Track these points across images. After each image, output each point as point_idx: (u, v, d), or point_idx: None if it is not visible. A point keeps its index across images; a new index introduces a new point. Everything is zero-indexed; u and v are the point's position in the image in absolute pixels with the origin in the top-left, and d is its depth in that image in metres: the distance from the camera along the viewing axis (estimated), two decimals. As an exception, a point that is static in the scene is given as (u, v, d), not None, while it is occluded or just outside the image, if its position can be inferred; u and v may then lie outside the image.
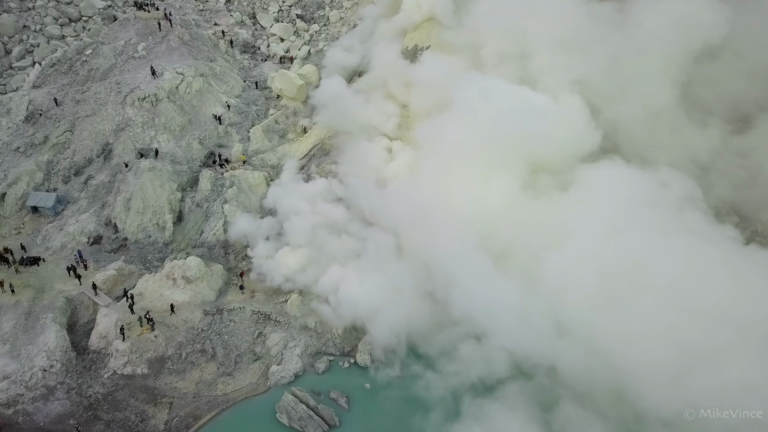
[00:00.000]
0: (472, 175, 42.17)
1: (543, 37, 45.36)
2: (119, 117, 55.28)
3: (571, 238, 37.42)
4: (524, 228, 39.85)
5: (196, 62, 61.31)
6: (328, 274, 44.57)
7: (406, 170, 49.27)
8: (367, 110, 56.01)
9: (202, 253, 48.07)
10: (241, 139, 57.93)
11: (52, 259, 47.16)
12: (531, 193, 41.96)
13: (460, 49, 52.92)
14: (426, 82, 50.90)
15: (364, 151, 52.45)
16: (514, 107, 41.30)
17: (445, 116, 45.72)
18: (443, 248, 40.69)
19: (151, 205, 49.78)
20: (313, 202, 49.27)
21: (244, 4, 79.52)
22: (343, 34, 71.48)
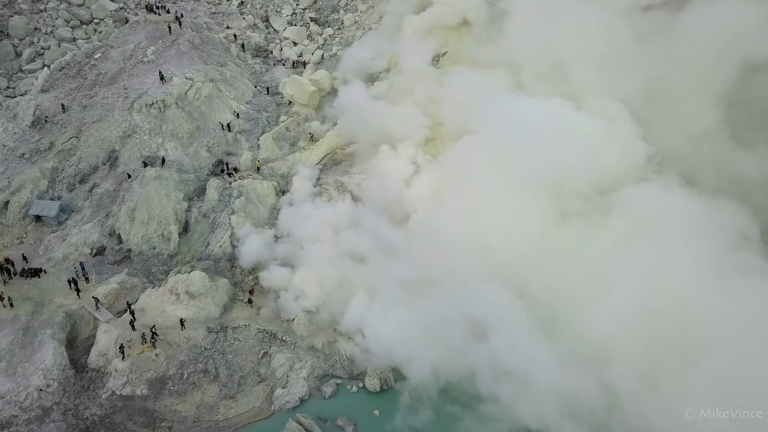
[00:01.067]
0: (501, 204, 39.41)
1: (582, 53, 42.81)
2: (126, 123, 53.83)
3: (615, 283, 33.82)
4: (560, 265, 36.60)
5: (206, 67, 59.80)
6: (352, 310, 41.22)
7: (429, 193, 46.15)
8: (393, 120, 53.28)
9: (207, 266, 46.34)
10: (251, 147, 56.25)
11: (53, 271, 45.72)
12: (568, 222, 38.59)
13: (493, 63, 50.35)
14: (455, 101, 48.30)
15: (387, 167, 49.99)
16: (549, 128, 38.56)
17: (473, 138, 43.34)
18: (474, 291, 37.79)
19: (156, 215, 48.20)
20: (333, 227, 46.39)
21: (257, 6, 77.98)
22: (358, 38, 69.61)
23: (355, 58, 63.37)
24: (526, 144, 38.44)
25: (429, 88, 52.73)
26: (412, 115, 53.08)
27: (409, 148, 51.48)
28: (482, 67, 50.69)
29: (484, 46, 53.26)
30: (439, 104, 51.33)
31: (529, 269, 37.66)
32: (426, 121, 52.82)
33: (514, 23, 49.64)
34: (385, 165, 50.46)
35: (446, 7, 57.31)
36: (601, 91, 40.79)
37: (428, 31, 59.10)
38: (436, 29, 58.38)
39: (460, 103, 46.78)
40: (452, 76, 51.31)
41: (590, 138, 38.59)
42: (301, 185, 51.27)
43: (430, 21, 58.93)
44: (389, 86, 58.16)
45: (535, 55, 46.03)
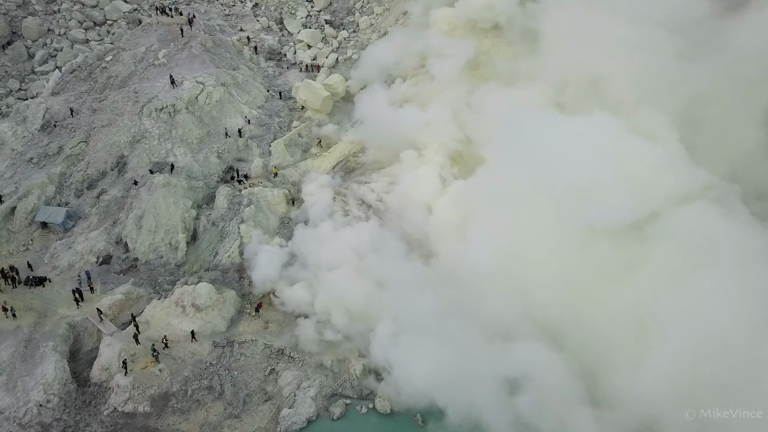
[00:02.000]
0: (533, 239, 36.18)
1: (621, 69, 40.25)
2: (135, 128, 52.77)
3: (659, 330, 30.37)
4: (599, 309, 33.09)
5: (217, 71, 58.60)
6: (379, 345, 38.04)
7: (455, 223, 42.49)
8: (421, 127, 50.69)
9: (215, 276, 45.06)
10: (262, 153, 54.96)
11: (58, 280, 44.70)
12: (607, 257, 34.48)
13: (527, 77, 48.01)
14: (485, 118, 45.72)
15: (410, 183, 47.25)
16: (588, 152, 35.70)
17: (502, 162, 40.41)
18: (506, 347, 35.06)
19: (163, 223, 47.02)
20: (355, 251, 43.09)
21: (271, 8, 76.76)
22: (374, 41, 68.07)
23: (376, 57, 60.85)
24: (560, 170, 35.43)
25: (460, 96, 50.47)
26: (443, 125, 50.25)
27: (436, 158, 48.60)
28: (516, 79, 48.46)
29: (519, 59, 50.84)
30: (469, 117, 49.25)
31: (565, 314, 34.51)
32: (456, 133, 50.04)
33: (549, 36, 47.34)
34: (409, 181, 47.56)
35: (479, 8, 55.11)
36: (641, 110, 38.03)
37: (460, 31, 56.64)
38: (469, 30, 56.10)
39: (491, 121, 44.11)
40: (483, 93, 48.79)
41: (633, 161, 35.35)
42: (317, 199, 49.04)
43: (461, 17, 56.61)
44: (415, 89, 55.61)
45: (572, 70, 43.77)
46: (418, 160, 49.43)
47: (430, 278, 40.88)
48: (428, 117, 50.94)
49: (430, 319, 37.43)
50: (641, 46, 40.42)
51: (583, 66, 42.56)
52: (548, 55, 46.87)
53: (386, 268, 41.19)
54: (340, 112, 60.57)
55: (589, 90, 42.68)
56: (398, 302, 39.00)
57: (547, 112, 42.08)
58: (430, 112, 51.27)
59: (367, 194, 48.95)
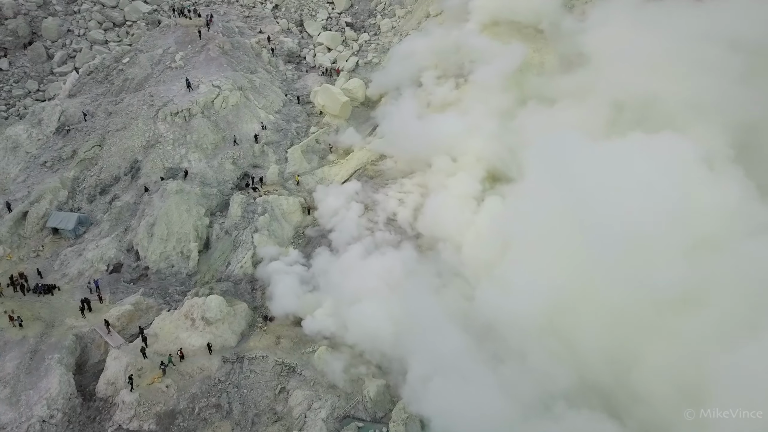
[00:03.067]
0: (579, 281, 32.00)
1: (674, 92, 37.02)
2: (150, 132, 51.69)
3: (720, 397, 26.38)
4: (654, 369, 28.76)
5: (234, 74, 57.33)
6: (412, 387, 34.49)
7: (492, 257, 37.88)
8: (461, 137, 46.82)
9: (226, 288, 43.69)
10: (278, 160, 53.56)
11: (67, 288, 43.72)
12: (659, 301, 29.89)
13: (571, 94, 44.71)
14: (528, 140, 41.91)
15: (442, 201, 43.91)
16: (637, 181, 31.38)
17: (543, 190, 35.81)
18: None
19: (175, 231, 45.82)
20: (387, 282, 39.46)
21: (291, 10, 75.45)
22: (395, 44, 66.34)
23: (408, 55, 57.89)
24: (611, 207, 31.17)
25: (505, 107, 47.11)
26: (485, 136, 46.14)
27: (473, 172, 44.94)
28: (560, 96, 45.18)
29: (564, 73, 47.29)
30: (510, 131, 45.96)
31: (621, 378, 30.58)
32: (498, 147, 45.85)
33: (598, 51, 43.93)
34: (441, 200, 44.16)
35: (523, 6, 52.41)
36: (699, 135, 34.10)
37: (502, 30, 53.72)
38: (513, 32, 53.17)
39: (533, 140, 40.10)
40: (527, 109, 45.72)
41: (685, 191, 31.52)
42: (341, 219, 46.21)
43: (505, 10, 53.82)
44: (455, 93, 52.36)
45: (622, 90, 40.15)
46: (452, 169, 46.47)
47: (468, 317, 36.94)
48: (469, 126, 47.13)
49: (468, 365, 33.72)
50: (698, 66, 37.38)
51: (634, 86, 39.13)
52: (596, 72, 43.39)
53: (420, 304, 37.53)
54: (359, 117, 58.90)
55: (640, 112, 39.14)
56: (432, 342, 35.04)
57: (597, 136, 37.55)
58: (471, 121, 47.40)
59: (399, 213, 46.31)
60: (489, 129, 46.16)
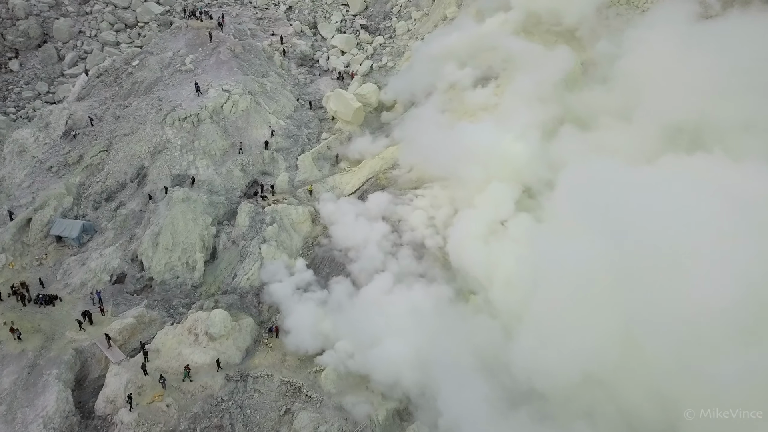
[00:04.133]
0: (623, 333, 28.45)
1: (725, 116, 33.83)
2: (157, 138, 50.41)
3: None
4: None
5: (245, 78, 55.89)
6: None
7: (521, 295, 33.73)
8: (496, 150, 42.02)
9: (232, 301, 42.17)
10: (288, 167, 52.01)
11: (69, 299, 42.51)
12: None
13: (610, 113, 41.16)
14: (564, 164, 37.51)
15: (469, 231, 39.25)
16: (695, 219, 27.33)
17: (587, 222, 31.57)
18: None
19: (181, 241, 44.41)
20: (413, 321, 35.72)
21: (305, 12, 73.91)
22: (410, 48, 64.56)
23: (434, 53, 54.22)
24: (657, 243, 27.33)
25: (546, 119, 42.64)
26: (526, 150, 41.37)
27: (507, 191, 40.25)
28: (599, 111, 41.84)
29: (605, 90, 43.33)
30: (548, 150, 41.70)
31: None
32: (538, 165, 40.84)
33: (643, 70, 39.82)
34: (468, 227, 39.56)
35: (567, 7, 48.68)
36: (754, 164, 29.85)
37: (537, 32, 50.35)
38: (548, 35, 49.99)
39: (572, 165, 35.99)
40: (565, 131, 41.79)
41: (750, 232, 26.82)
42: (360, 241, 42.52)
43: (543, 8, 50.27)
44: (490, 99, 48.01)
45: (670, 113, 36.11)
46: (483, 184, 41.72)
47: (503, 365, 33.40)
48: (510, 137, 42.30)
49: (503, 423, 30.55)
50: (753, 88, 34.43)
51: (685, 108, 35.63)
52: (640, 88, 39.17)
53: (450, 349, 34.02)
54: (372, 123, 57.17)
55: (692, 137, 35.56)
56: (463, 393, 31.94)
57: (643, 163, 33.57)
58: (512, 131, 42.62)
59: (427, 238, 42.01)
60: (530, 143, 41.52)
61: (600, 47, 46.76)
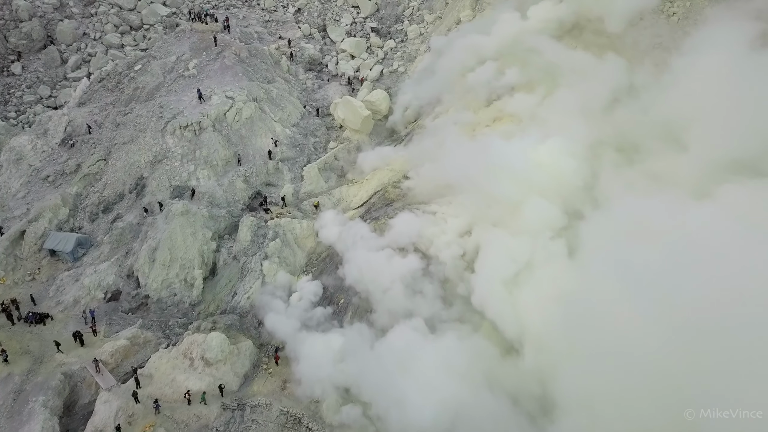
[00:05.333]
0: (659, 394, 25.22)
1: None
2: (157, 147, 48.35)
3: None
4: None
5: (250, 84, 53.68)
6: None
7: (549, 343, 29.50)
8: (543, 169, 36.80)
9: (231, 321, 39.96)
10: (293, 178, 49.76)
11: (61, 317, 40.56)
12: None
13: (655, 136, 36.16)
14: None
15: (491, 261, 34.51)
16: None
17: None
18: None
19: (179, 257, 42.33)
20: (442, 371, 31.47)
21: (314, 15, 71.63)
22: (422, 52, 62.12)
23: (460, 56, 49.61)
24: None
25: (591, 136, 37.60)
26: (568, 171, 36.30)
27: (544, 221, 34.66)
28: (644, 134, 36.81)
29: (650, 112, 37.37)
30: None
31: None
32: (579, 192, 35.81)
33: (693, 86, 34.90)
34: (490, 266, 34.46)
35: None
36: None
37: (576, 35, 45.74)
38: (589, 40, 45.27)
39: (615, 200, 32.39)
40: (608, 155, 37.06)
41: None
42: (382, 285, 36.69)
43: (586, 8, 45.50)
44: (529, 111, 42.94)
45: (721, 141, 31.23)
46: (515, 206, 36.38)
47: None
48: (552, 153, 37.27)
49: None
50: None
51: (742, 139, 30.76)
52: (693, 117, 33.58)
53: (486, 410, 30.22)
54: (382, 132, 54.80)
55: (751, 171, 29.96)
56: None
57: (700, 197, 28.99)
58: (554, 147, 37.64)
59: (454, 278, 36.53)
60: (575, 162, 36.40)
61: (648, 61, 41.92)
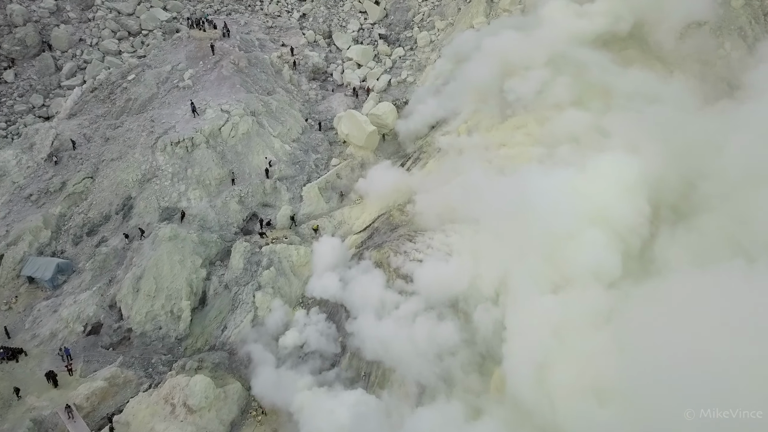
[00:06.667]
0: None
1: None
2: (147, 164, 45.21)
3: None
4: None
5: (248, 96, 50.34)
6: None
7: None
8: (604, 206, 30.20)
9: (220, 360, 36.69)
10: (292, 198, 46.34)
11: (36, 353, 37.40)
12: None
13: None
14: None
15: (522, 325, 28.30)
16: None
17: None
18: None
19: (165, 287, 39.08)
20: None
21: (319, 20, 68.16)
22: (433, 61, 58.50)
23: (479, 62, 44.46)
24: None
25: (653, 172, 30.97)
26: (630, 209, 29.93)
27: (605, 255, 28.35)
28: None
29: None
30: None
31: None
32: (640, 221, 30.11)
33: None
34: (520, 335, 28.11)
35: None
36: None
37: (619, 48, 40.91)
38: (635, 55, 40.66)
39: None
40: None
41: None
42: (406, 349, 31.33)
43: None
44: (581, 130, 36.39)
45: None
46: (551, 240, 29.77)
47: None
48: (615, 187, 30.37)
49: None
50: None
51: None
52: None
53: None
54: (388, 148, 51.20)
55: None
56: None
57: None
58: (616, 179, 30.61)
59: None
60: (627, 204, 29.92)
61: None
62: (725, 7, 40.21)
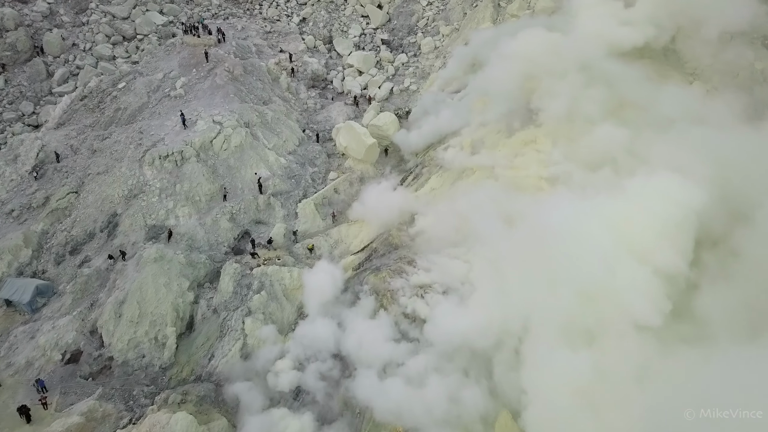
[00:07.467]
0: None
1: None
2: (134, 179, 42.91)
3: None
4: None
5: (242, 106, 47.99)
6: None
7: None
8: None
9: (205, 392, 34.25)
10: (287, 215, 43.94)
11: (11, 383, 35.06)
12: None
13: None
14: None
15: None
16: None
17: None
18: None
19: (149, 312, 36.71)
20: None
21: (320, 25, 65.76)
22: (437, 69, 56.05)
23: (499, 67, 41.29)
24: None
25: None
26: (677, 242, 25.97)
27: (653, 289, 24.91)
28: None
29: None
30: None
31: None
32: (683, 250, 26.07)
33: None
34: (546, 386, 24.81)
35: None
36: None
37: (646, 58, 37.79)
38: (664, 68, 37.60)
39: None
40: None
41: None
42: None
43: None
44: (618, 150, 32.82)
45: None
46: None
47: None
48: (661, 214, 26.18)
49: None
50: None
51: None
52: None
53: None
54: (389, 161, 48.78)
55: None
56: None
57: None
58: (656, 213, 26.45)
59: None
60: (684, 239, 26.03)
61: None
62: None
